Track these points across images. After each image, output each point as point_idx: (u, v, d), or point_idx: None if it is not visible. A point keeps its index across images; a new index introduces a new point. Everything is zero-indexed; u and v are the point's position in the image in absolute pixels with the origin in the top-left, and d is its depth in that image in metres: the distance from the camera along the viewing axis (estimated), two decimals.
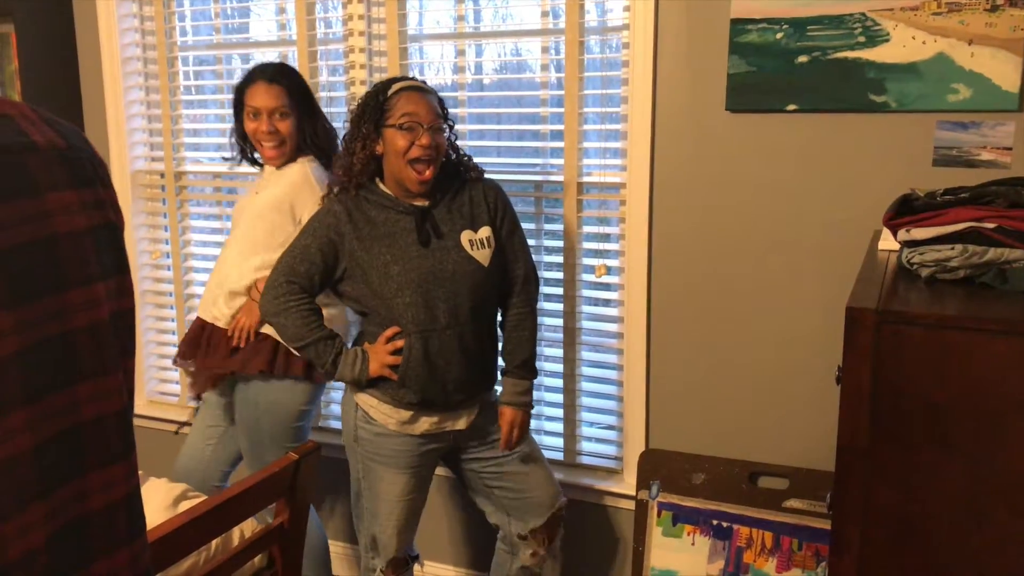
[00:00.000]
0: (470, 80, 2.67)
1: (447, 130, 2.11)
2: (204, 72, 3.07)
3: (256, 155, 2.47)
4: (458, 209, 2.10)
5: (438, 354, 2.03)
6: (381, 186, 2.10)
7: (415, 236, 2.03)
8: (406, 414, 2.07)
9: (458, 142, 2.49)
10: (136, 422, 3.19)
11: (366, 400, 2.10)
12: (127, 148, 3.04)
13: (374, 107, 2.05)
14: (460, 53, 2.63)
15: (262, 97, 2.33)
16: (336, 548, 2.96)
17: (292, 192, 2.33)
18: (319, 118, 2.42)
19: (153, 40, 2.98)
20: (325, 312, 2.18)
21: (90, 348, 0.68)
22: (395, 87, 2.06)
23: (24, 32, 2.93)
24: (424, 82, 2.14)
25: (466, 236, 2.07)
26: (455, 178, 2.13)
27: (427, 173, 2.03)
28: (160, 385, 3.21)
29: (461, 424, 2.13)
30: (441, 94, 2.16)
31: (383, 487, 2.12)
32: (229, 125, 2.92)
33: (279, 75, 2.36)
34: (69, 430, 0.66)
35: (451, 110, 2.61)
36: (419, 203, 2.07)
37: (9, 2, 2.91)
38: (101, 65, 3.02)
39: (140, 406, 3.18)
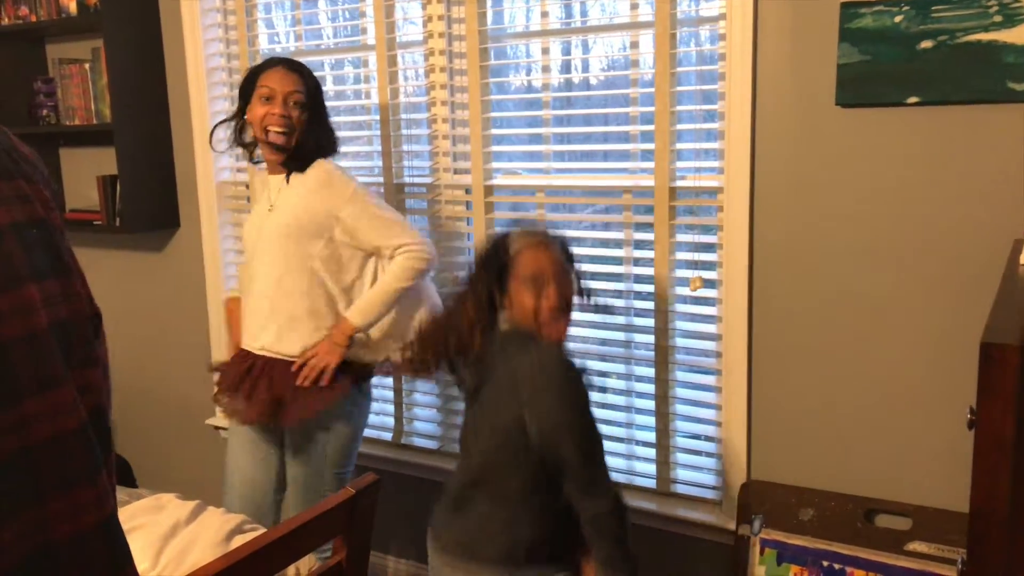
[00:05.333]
0: (556, 81, 2.50)
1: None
2: None
3: (255, 150, 2.36)
4: None
5: None
6: None
7: None
8: None
9: (543, 146, 2.33)
10: (224, 435, 3.19)
11: None
12: (212, 159, 3.01)
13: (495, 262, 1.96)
14: (544, 51, 2.47)
15: (280, 80, 2.24)
16: (405, 567, 2.85)
17: (325, 198, 2.23)
18: (325, 123, 2.32)
19: (237, 49, 2.94)
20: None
21: (29, 360, 0.60)
22: (516, 245, 1.95)
23: (113, 46, 2.95)
24: (545, 234, 2.01)
25: None
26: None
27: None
28: None
29: None
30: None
31: None
32: None
33: (299, 65, 2.30)
34: (17, 453, 0.58)
35: (535, 113, 2.48)
36: None
37: (99, 18, 2.94)
38: (187, 77, 3.01)
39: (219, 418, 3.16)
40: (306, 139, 2.25)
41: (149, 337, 3.37)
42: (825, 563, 2.18)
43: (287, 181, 2.28)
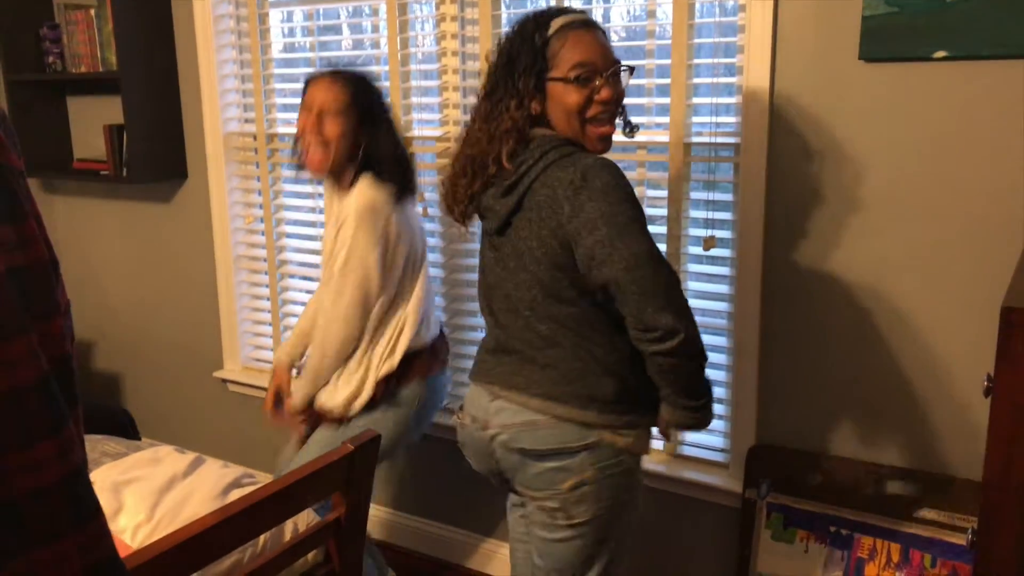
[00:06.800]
0: None
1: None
2: (294, 29, 2.96)
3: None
4: None
5: None
6: None
7: None
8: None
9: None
10: (232, 388, 3.19)
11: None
12: (220, 110, 2.97)
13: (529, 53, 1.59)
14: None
15: (318, 92, 2.13)
16: (399, 518, 2.85)
17: (370, 222, 2.07)
18: (384, 130, 2.17)
19: None
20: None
21: None
22: (555, 27, 1.58)
23: None
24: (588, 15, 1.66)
25: None
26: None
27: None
28: (255, 352, 3.17)
29: None
30: None
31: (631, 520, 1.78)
32: None
33: (347, 76, 2.17)
34: None
35: None
36: None
37: None
38: (194, 25, 2.95)
39: (235, 373, 3.15)
40: (344, 153, 2.13)
41: (156, 289, 3.36)
42: (832, 528, 2.15)
43: (336, 198, 2.21)
